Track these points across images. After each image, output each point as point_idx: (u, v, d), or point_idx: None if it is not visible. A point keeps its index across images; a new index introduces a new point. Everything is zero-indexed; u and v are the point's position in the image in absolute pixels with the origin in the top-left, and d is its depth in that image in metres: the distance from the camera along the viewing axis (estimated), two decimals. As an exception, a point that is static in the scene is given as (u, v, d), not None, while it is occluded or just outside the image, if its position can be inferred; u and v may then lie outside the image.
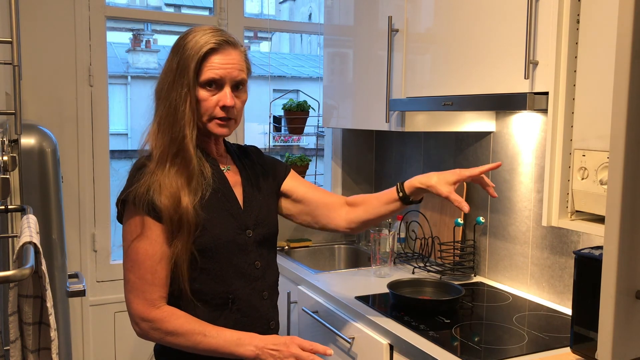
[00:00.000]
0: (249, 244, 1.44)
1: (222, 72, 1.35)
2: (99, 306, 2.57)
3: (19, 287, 1.06)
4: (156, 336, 1.35)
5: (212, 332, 1.34)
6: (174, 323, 1.33)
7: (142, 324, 1.35)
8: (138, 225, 1.34)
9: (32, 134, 1.76)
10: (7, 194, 1.31)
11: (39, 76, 2.41)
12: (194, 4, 11.66)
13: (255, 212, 1.47)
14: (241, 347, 1.34)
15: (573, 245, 1.90)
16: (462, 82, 1.82)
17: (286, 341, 1.35)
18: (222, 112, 1.37)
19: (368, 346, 1.79)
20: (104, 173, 2.56)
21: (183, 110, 1.33)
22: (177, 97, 1.33)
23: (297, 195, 1.61)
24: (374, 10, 2.31)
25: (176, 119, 1.34)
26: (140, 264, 1.33)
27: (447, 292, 2.01)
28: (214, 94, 1.36)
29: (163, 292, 1.35)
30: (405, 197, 1.52)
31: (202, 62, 1.34)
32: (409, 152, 2.71)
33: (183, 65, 1.34)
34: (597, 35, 1.41)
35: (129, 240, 1.35)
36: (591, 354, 1.38)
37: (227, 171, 1.47)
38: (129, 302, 1.36)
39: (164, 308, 1.35)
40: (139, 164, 1.38)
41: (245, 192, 1.48)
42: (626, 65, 0.87)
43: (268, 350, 1.34)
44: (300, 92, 3.23)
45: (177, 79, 1.34)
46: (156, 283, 1.34)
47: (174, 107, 1.34)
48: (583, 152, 1.44)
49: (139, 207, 1.32)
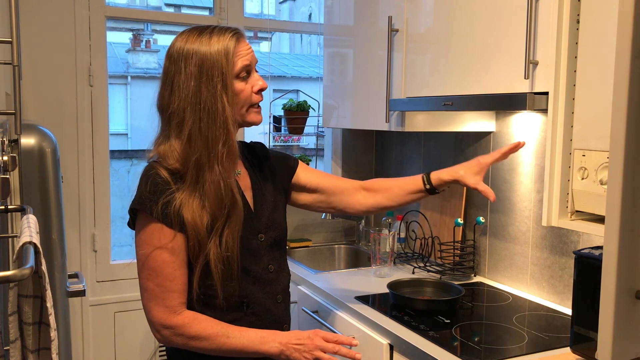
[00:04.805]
0: (262, 248, 1.43)
1: (250, 57, 1.37)
2: (99, 306, 2.57)
3: (19, 287, 1.06)
4: (179, 342, 1.33)
5: (234, 333, 1.33)
6: (197, 327, 1.32)
7: (164, 332, 1.32)
8: (155, 233, 1.30)
9: (32, 134, 1.76)
10: (7, 194, 1.31)
11: (39, 76, 2.41)
12: (194, 4, 11.65)
13: (266, 215, 1.46)
14: (265, 344, 1.34)
15: (573, 245, 1.90)
16: (462, 82, 1.82)
17: (310, 335, 1.35)
18: (259, 97, 1.38)
19: (368, 346, 1.79)
20: (104, 173, 2.56)
21: (222, 107, 1.29)
22: (210, 98, 1.28)
23: (310, 185, 1.62)
24: (374, 10, 2.31)
25: (215, 119, 1.29)
26: (159, 272, 1.31)
27: (447, 292, 2.01)
28: (247, 83, 1.37)
29: (183, 298, 1.33)
30: (432, 188, 1.59)
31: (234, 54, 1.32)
32: (409, 152, 2.71)
33: (210, 65, 1.29)
34: (597, 35, 1.41)
35: (145, 249, 1.31)
36: (591, 354, 1.38)
37: (238, 175, 1.45)
38: (148, 310, 1.33)
39: (185, 314, 1.33)
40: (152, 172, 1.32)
41: (255, 195, 1.47)
42: (626, 65, 0.87)
43: (292, 345, 1.33)
44: (300, 92, 3.23)
45: (205, 81, 1.29)
46: (175, 289, 1.32)
47: (208, 109, 1.28)
48: (583, 152, 1.44)
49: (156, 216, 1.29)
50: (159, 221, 1.29)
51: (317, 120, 2.94)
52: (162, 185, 1.30)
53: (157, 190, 1.30)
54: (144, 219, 1.32)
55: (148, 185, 1.30)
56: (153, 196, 1.29)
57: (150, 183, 1.31)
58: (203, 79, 1.29)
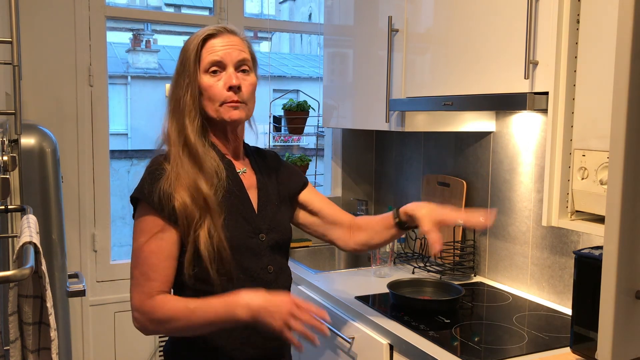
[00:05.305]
0: (262, 248, 1.42)
1: (222, 54, 1.36)
2: (99, 306, 2.57)
3: (19, 287, 1.06)
4: (154, 328, 1.33)
5: (198, 309, 1.29)
6: (164, 310, 1.31)
7: (138, 316, 1.33)
8: (148, 223, 1.34)
9: (32, 134, 1.76)
10: (7, 194, 1.31)
11: (39, 76, 2.41)
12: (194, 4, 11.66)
13: (270, 217, 1.46)
14: (233, 313, 1.28)
15: (573, 245, 1.90)
16: (462, 82, 1.82)
17: (283, 299, 1.28)
18: (230, 94, 1.36)
19: (368, 346, 1.79)
20: (104, 173, 2.56)
21: (184, 100, 1.35)
22: (180, 90, 1.36)
23: (312, 207, 1.62)
24: (374, 10, 2.31)
25: (179, 110, 1.36)
26: (143, 261, 1.33)
27: (447, 292, 2.01)
28: (220, 79, 1.36)
29: (163, 287, 1.34)
30: (400, 222, 1.55)
31: (202, 49, 1.36)
32: (409, 152, 2.71)
33: (184, 58, 1.37)
34: (597, 35, 1.41)
35: (137, 238, 1.35)
36: (591, 354, 1.38)
37: (243, 174, 1.46)
38: (131, 297, 1.35)
39: (157, 297, 1.32)
40: (154, 162, 1.38)
41: (260, 196, 1.46)
42: (626, 65, 0.87)
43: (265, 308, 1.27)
44: (300, 92, 3.23)
45: (181, 74, 1.37)
46: (157, 279, 1.33)
47: (178, 100, 1.36)
48: (583, 152, 1.44)
49: (152, 205, 1.32)
50: (152, 208, 1.32)
51: (317, 120, 2.94)
52: (159, 173, 1.34)
53: (154, 178, 1.34)
54: (140, 208, 1.37)
55: (148, 175, 1.36)
56: (150, 185, 1.33)
57: (149, 172, 1.36)
58: (180, 72, 1.37)
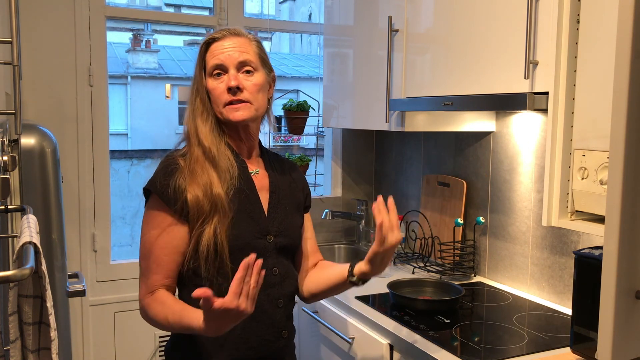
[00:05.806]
0: (269, 250, 1.41)
1: (223, 57, 1.39)
2: (99, 306, 2.57)
3: (19, 287, 1.06)
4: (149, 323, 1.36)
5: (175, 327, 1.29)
6: (152, 312, 1.33)
7: (140, 307, 1.37)
8: (157, 217, 1.35)
9: (32, 134, 1.76)
10: (7, 194, 1.31)
11: (39, 76, 2.41)
12: (194, 4, 11.66)
13: (279, 220, 1.45)
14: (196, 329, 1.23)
15: (573, 245, 1.90)
16: (462, 82, 1.82)
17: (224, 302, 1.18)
18: (229, 95, 1.38)
19: (368, 346, 1.79)
20: (104, 173, 2.56)
21: (195, 104, 1.41)
22: (192, 94, 1.43)
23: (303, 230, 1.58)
24: (374, 10, 2.31)
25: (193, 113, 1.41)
26: (149, 253, 1.35)
27: (447, 292, 2.01)
28: (222, 82, 1.39)
29: (166, 281, 1.35)
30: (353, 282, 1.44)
31: (205, 53, 1.41)
32: (409, 152, 2.71)
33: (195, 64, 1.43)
34: (597, 35, 1.41)
35: (145, 229, 1.38)
36: (591, 354, 1.38)
37: (255, 174, 1.46)
38: (139, 287, 1.38)
39: (155, 293, 1.34)
40: (169, 157, 1.40)
41: (271, 198, 1.46)
42: (626, 65, 0.87)
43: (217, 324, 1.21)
44: (300, 92, 3.23)
45: (193, 78, 1.43)
46: (159, 272, 1.35)
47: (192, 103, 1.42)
48: (583, 152, 1.44)
49: (163, 198, 1.34)
50: (163, 201, 1.34)
51: (317, 120, 2.94)
52: (173, 168, 1.36)
53: (167, 173, 1.36)
54: (150, 200, 1.39)
55: (162, 169, 1.38)
56: (163, 179, 1.35)
57: (163, 166, 1.38)
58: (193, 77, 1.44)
